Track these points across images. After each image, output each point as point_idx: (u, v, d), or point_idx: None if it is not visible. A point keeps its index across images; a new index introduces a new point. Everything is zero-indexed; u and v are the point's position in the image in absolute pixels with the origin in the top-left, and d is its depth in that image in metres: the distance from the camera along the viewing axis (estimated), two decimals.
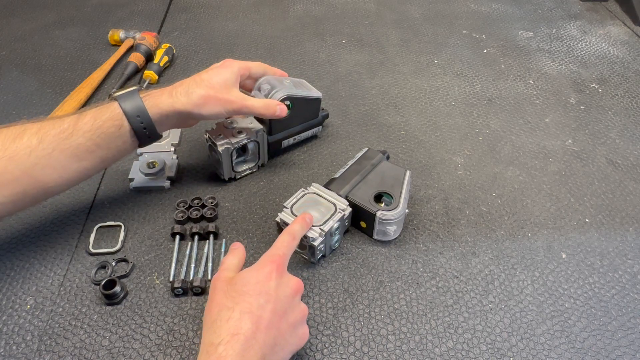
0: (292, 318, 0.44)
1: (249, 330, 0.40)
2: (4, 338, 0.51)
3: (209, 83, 0.57)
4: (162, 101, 0.55)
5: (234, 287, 0.43)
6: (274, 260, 0.46)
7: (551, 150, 0.78)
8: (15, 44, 1.04)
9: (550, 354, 0.51)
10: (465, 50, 1.05)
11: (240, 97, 0.59)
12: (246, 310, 0.41)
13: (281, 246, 0.48)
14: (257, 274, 0.44)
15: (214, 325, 0.41)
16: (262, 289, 0.43)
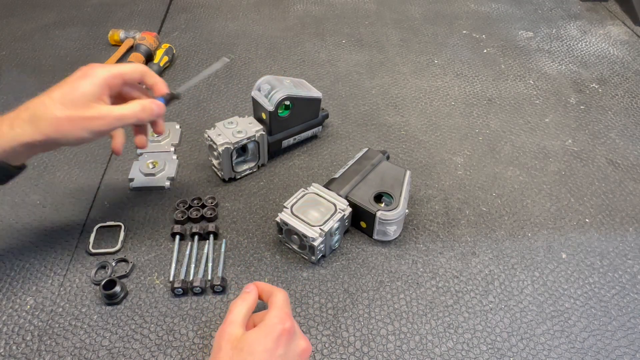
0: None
1: None
2: (4, 338, 0.51)
3: (62, 102, 0.45)
4: (2, 135, 0.45)
5: (239, 354, 0.40)
6: (283, 322, 0.43)
7: (551, 150, 0.78)
8: (15, 44, 1.04)
9: (550, 354, 0.51)
10: (465, 50, 1.05)
11: (106, 111, 0.47)
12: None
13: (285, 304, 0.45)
14: (265, 340, 0.41)
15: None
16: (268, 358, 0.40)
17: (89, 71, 0.48)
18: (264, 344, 0.41)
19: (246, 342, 0.41)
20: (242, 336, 0.42)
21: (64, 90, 0.46)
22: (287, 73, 0.96)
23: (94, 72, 0.48)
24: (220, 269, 0.58)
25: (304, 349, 0.43)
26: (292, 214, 0.57)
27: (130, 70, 0.51)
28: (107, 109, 0.48)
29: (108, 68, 0.49)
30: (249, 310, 0.46)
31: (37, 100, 0.46)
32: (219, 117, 0.83)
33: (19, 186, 0.69)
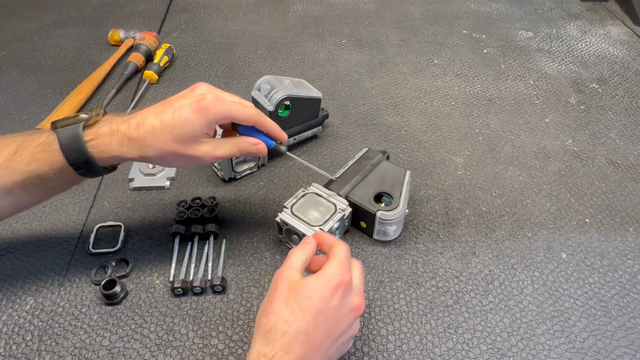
0: (343, 338, 0.44)
1: (301, 351, 0.40)
2: (4, 338, 0.51)
3: (172, 134, 0.46)
4: (112, 149, 0.46)
5: (295, 297, 0.41)
6: (342, 274, 0.43)
7: (551, 150, 0.78)
8: (15, 44, 1.04)
9: (550, 354, 0.51)
10: (465, 50, 1.05)
11: (209, 151, 0.48)
12: (302, 329, 0.40)
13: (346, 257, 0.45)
14: (322, 288, 0.42)
15: (268, 334, 0.40)
16: (323, 308, 0.41)
17: (206, 105, 0.47)
18: (321, 292, 0.42)
19: (304, 287, 0.42)
20: (300, 281, 0.43)
21: (175, 121, 0.46)
22: (287, 73, 0.96)
23: (209, 108, 0.47)
24: (220, 269, 0.58)
25: (355, 306, 0.44)
26: (292, 214, 0.57)
27: (244, 118, 0.50)
28: (210, 148, 0.48)
29: (223, 106, 0.48)
30: (307, 259, 0.46)
31: (150, 122, 0.46)
32: None
33: None
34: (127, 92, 0.89)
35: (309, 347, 0.40)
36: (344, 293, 0.43)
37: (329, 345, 0.42)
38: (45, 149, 0.45)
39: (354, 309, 0.44)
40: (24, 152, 0.46)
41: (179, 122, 0.46)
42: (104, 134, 0.46)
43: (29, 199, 0.49)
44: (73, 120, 0.46)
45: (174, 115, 0.46)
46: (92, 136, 0.46)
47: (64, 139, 0.45)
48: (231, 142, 0.50)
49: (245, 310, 0.54)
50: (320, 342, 0.41)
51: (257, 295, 0.55)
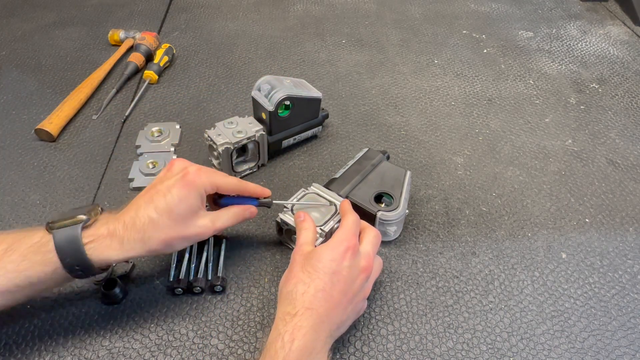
0: (358, 297, 0.47)
1: (322, 307, 0.43)
2: (3, 338, 0.51)
3: (169, 217, 0.45)
4: (111, 254, 0.45)
5: (310, 262, 0.46)
6: (349, 239, 0.48)
7: (551, 150, 0.78)
8: (15, 44, 1.04)
9: (550, 354, 0.51)
10: (465, 50, 1.05)
11: (209, 224, 0.49)
12: (320, 287, 0.44)
13: (354, 224, 0.50)
14: (332, 252, 0.46)
15: (289, 295, 0.45)
16: (336, 268, 0.45)
17: (191, 179, 0.47)
18: (332, 255, 0.46)
19: (316, 253, 0.47)
20: (312, 250, 0.48)
21: (169, 203, 0.46)
22: (287, 73, 0.96)
23: (195, 181, 0.48)
24: (220, 269, 0.58)
25: (363, 267, 0.48)
26: (292, 214, 0.57)
27: (228, 185, 0.52)
28: (210, 221, 0.49)
29: (208, 177, 0.49)
30: (314, 234, 0.51)
31: (144, 214, 0.46)
32: (219, 117, 0.83)
33: (18, 186, 0.69)
34: (127, 92, 0.89)
35: (329, 304, 0.44)
36: (353, 256, 0.47)
37: (346, 303, 0.46)
38: (39, 250, 0.43)
39: (363, 270, 0.48)
40: (15, 251, 0.43)
41: (173, 203, 0.46)
42: (103, 236, 0.45)
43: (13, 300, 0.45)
44: (71, 221, 0.44)
45: (165, 199, 0.46)
46: (90, 238, 0.44)
47: (61, 240, 0.43)
48: (228, 213, 0.52)
49: (245, 310, 0.54)
50: (338, 300, 0.45)
51: (257, 295, 0.55)
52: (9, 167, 0.72)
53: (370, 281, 0.50)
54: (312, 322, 0.42)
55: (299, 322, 0.42)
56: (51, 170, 0.72)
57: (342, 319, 0.46)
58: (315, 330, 0.42)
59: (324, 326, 0.43)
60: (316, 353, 0.42)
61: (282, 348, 0.41)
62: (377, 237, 0.52)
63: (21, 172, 0.71)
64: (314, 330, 0.42)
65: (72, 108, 0.81)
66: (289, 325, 0.42)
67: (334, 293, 0.45)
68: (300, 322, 0.42)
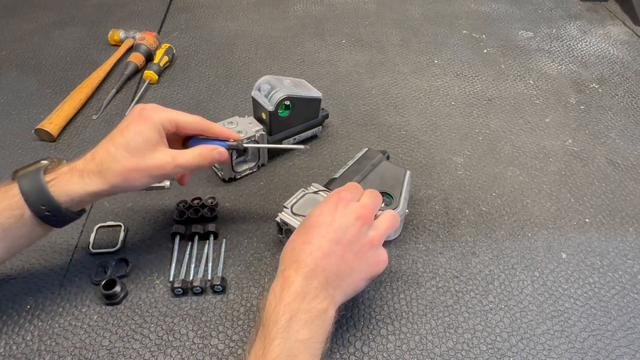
0: (358, 246, 0.46)
1: (308, 257, 0.44)
2: (4, 338, 0.51)
3: (126, 150, 0.47)
4: (72, 187, 0.46)
5: (303, 224, 0.47)
6: (338, 192, 0.48)
7: (551, 150, 0.78)
8: (15, 44, 1.04)
9: (550, 354, 0.51)
10: (465, 50, 1.05)
11: (169, 158, 0.49)
12: (306, 241, 0.45)
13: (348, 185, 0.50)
14: (320, 207, 0.47)
15: (283, 257, 0.46)
16: (324, 221, 0.46)
17: (146, 114, 0.49)
18: (320, 210, 0.47)
19: (308, 215, 0.48)
20: None
21: (125, 137, 0.47)
22: (287, 73, 0.96)
23: (150, 115, 0.49)
24: (220, 269, 0.58)
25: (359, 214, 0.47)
26: (292, 214, 0.57)
27: (188, 122, 0.52)
28: (170, 156, 0.49)
29: (164, 112, 0.50)
30: None
31: (102, 149, 0.48)
32: (219, 117, 0.83)
33: None
34: (127, 92, 0.89)
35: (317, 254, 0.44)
36: (345, 205, 0.47)
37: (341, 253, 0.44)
38: (5, 196, 0.44)
39: (358, 217, 0.46)
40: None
41: (130, 137, 0.47)
42: (64, 172, 0.47)
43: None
44: (34, 167, 0.46)
45: (123, 134, 0.48)
46: (52, 177, 0.46)
47: (24, 182, 0.45)
48: (192, 151, 0.52)
49: (245, 310, 0.54)
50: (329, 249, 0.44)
51: (257, 295, 0.55)
52: (9, 167, 0.72)
53: (377, 230, 0.47)
54: (300, 271, 0.43)
55: (287, 274, 0.43)
56: None
57: (343, 268, 0.44)
58: (306, 277, 0.42)
59: (316, 274, 0.43)
60: (311, 298, 0.42)
61: (274, 298, 0.42)
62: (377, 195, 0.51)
63: None
64: (303, 277, 0.42)
65: (72, 108, 0.81)
66: (279, 280, 0.44)
67: (323, 243, 0.44)
68: (288, 274, 0.43)
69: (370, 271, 0.47)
